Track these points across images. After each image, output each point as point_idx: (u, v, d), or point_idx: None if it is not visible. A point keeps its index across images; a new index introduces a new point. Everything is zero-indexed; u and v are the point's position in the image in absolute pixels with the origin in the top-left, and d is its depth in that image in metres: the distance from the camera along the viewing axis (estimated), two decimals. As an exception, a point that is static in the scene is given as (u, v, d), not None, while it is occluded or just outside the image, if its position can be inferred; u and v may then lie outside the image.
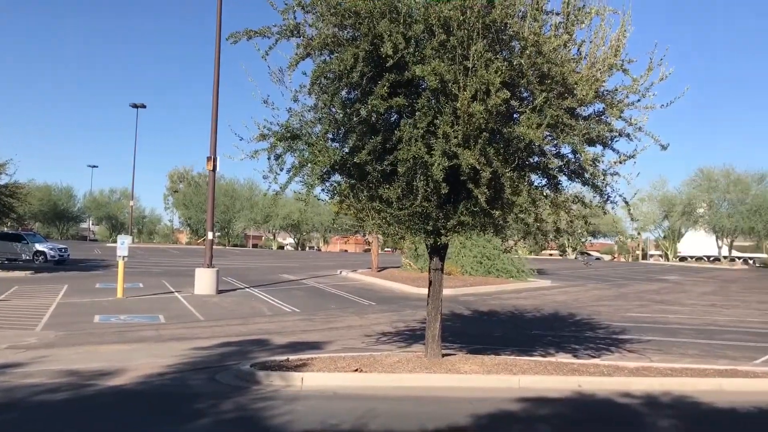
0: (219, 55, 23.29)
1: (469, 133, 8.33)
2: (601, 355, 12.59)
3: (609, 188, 9.82)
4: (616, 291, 29.20)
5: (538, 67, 8.57)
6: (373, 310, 19.28)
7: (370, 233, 10.49)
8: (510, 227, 10.86)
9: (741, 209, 64.48)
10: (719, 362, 11.87)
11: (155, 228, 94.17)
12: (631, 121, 9.32)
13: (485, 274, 30.77)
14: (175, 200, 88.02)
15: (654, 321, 18.50)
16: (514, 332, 15.80)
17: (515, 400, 8.42)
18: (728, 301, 25.82)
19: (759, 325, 18.22)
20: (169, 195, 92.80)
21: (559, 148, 9.67)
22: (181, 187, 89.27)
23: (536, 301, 23.24)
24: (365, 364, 9.96)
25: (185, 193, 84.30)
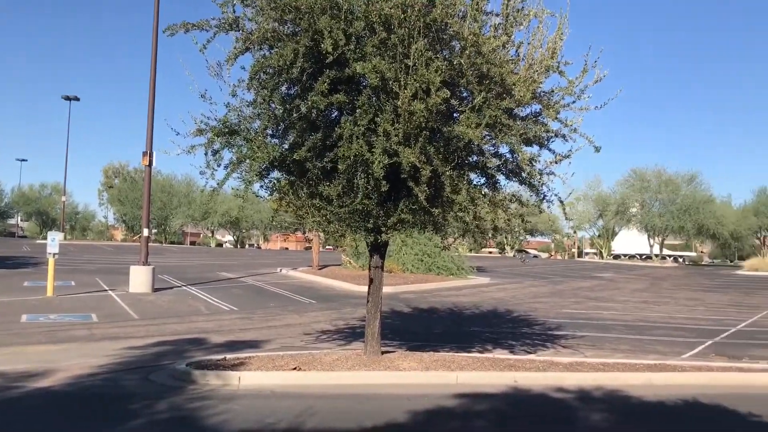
0: (156, 47, 22.74)
1: (410, 132, 8.38)
2: (536, 350, 12.87)
3: (545, 187, 10.07)
4: (553, 288, 29.90)
5: (477, 68, 8.69)
6: (313, 309, 19.20)
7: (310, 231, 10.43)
8: (449, 225, 11.00)
9: (671, 209, 66.98)
10: (649, 357, 12.30)
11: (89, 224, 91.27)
12: (566, 122, 9.56)
13: (426, 271, 31.03)
14: (110, 196, 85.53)
15: (588, 317, 19.02)
16: (454, 329, 16.00)
17: (453, 396, 8.53)
18: (659, 297, 26.76)
19: (687, 321, 18.96)
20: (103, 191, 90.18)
21: (498, 148, 9.83)
22: (117, 183, 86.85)
23: (475, 298, 23.58)
24: (304, 362, 9.91)
25: (121, 189, 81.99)
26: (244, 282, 26.76)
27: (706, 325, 17.79)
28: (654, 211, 68.81)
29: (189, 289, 22.89)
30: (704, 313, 21.20)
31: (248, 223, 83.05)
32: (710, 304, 24.40)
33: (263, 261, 42.94)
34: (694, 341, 14.69)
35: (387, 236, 9.50)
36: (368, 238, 9.58)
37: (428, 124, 8.46)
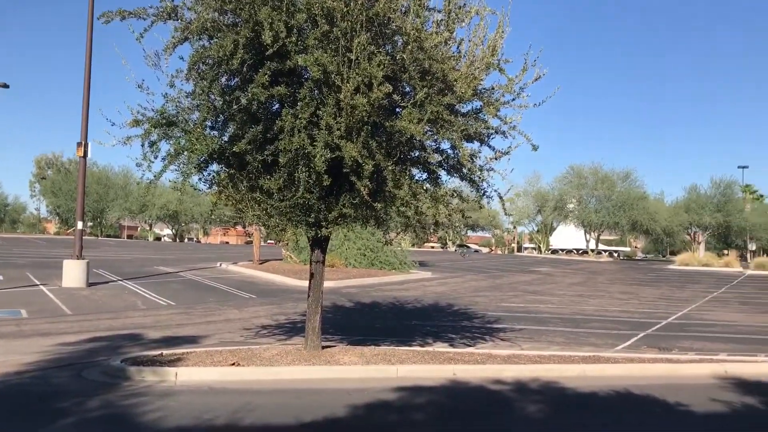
0: (91, 35, 22.01)
1: (352, 126, 8.37)
2: (476, 343, 13.06)
3: (485, 183, 10.21)
4: (493, 282, 30.39)
5: (419, 63, 8.74)
6: (253, 303, 19.00)
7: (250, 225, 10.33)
8: (392, 220, 11.04)
9: (607, 205, 68.97)
10: (584, 349, 12.64)
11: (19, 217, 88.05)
12: (506, 119, 9.71)
13: (369, 266, 31.12)
14: (42, 188, 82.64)
15: (526, 311, 19.41)
16: (395, 323, 16.08)
17: (393, 390, 8.57)
18: (594, 291, 27.52)
19: (620, 313, 19.56)
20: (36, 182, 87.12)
21: (439, 144, 9.93)
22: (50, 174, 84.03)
23: (417, 293, 23.77)
24: (243, 357, 9.80)
25: (54, 181, 79.34)
26: (183, 276, 26.26)
27: (639, 318, 18.38)
28: (590, 207, 70.67)
29: (125, 284, 22.31)
30: (637, 306, 21.90)
31: (187, 216, 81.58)
32: (643, 297, 25.23)
33: (203, 255, 42.24)
34: (627, 333, 15.17)
35: (328, 231, 9.47)
36: (309, 232, 9.52)
37: (370, 118, 8.46)
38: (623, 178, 71.28)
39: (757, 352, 12.96)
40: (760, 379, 10.24)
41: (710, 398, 8.70)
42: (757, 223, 70.17)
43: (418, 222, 10.27)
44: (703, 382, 9.92)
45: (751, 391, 9.29)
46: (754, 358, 12.03)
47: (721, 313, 20.49)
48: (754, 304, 23.66)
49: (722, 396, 8.86)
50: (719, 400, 8.61)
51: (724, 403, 8.43)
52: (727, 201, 68.92)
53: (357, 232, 29.98)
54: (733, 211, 68.17)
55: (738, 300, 24.96)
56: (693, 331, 16.07)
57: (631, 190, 69.78)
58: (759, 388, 9.51)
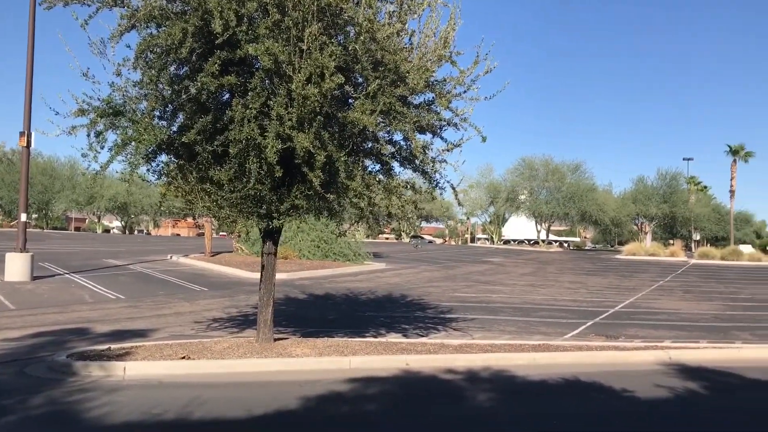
0: (34, 21, 21.27)
1: (304, 116, 8.31)
2: (429, 334, 13.17)
3: (438, 175, 10.28)
4: (446, 273, 30.65)
5: (372, 54, 8.71)
6: (204, 296, 18.75)
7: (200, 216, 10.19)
8: (345, 211, 11.03)
9: (557, 196, 70.07)
10: (534, 338, 12.87)
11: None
12: (457, 111, 9.78)
13: (323, 257, 31.02)
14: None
15: (479, 300, 19.65)
16: (349, 314, 16.09)
17: (345, 381, 8.58)
18: (545, 281, 28.02)
19: (570, 303, 19.97)
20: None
21: (392, 135, 9.94)
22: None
23: (371, 284, 23.82)
24: (193, 351, 9.67)
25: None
26: (132, 269, 25.74)
27: (588, 307, 18.81)
28: (541, 198, 71.70)
29: (72, 277, 21.76)
30: (586, 295, 22.39)
31: (137, 208, 79.91)
32: (591, 286, 25.80)
33: (153, 248, 41.47)
34: (576, 322, 15.50)
35: (280, 222, 9.40)
36: (261, 224, 9.44)
37: (323, 109, 8.41)
38: (573, 169, 72.52)
39: (700, 338, 13.40)
40: (702, 365, 10.58)
41: (654, 384, 8.96)
42: (701, 213, 72.45)
43: (372, 213, 10.27)
44: (648, 369, 10.21)
45: (693, 376, 9.60)
46: (696, 344, 12.43)
47: (666, 301, 21.10)
48: (698, 292, 24.44)
49: (666, 382, 9.13)
50: (663, 385, 8.87)
51: (668, 389, 8.69)
52: (673, 192, 70.83)
53: (311, 224, 29.85)
54: (678, 202, 70.10)
55: (682, 288, 25.73)
56: (639, 319, 16.51)
57: (581, 181, 71.02)
58: (700, 374, 9.83)
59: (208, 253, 31.82)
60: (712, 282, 29.01)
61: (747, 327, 15.47)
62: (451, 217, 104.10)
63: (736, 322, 16.44)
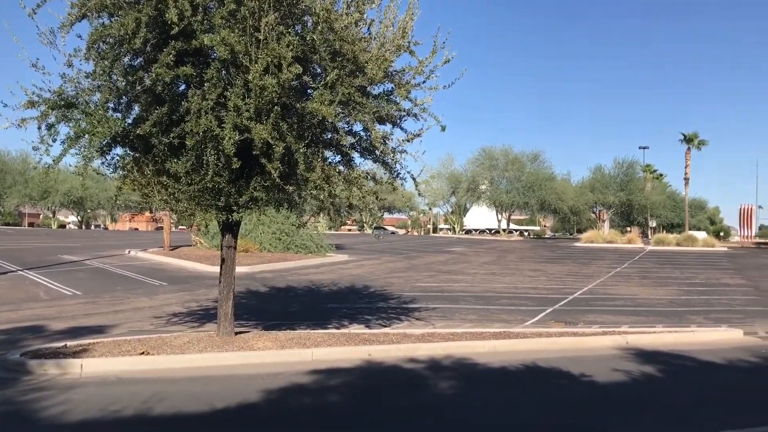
0: (-19, 9, 20.63)
1: (262, 107, 8.23)
2: (391, 324, 13.22)
3: (398, 165, 10.30)
4: (408, 263, 30.76)
5: (330, 44, 8.67)
6: (164, 291, 18.50)
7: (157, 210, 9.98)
8: (306, 203, 10.98)
9: (517, 186, 70.74)
10: (495, 325, 13.03)
11: None
12: (417, 101, 9.79)
13: (284, 250, 30.84)
14: (-70, 174, 77.12)
15: (440, 290, 19.78)
16: (311, 307, 16.05)
17: (307, 373, 8.57)
18: (505, 269, 28.32)
19: (530, 290, 20.24)
20: None
21: (352, 126, 9.91)
22: (-62, 159, 78.40)
23: (333, 275, 23.78)
24: (153, 346, 9.54)
25: (-57, 166, 74.16)
26: (89, 265, 25.23)
27: (547, 294, 19.09)
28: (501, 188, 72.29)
29: (26, 274, 21.23)
30: (545, 282, 22.72)
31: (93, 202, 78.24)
32: (551, 274, 26.18)
33: (110, 242, 40.71)
34: (535, 309, 15.72)
35: (239, 215, 9.31)
36: (219, 216, 9.34)
37: (281, 99, 8.35)
38: (532, 159, 73.25)
39: (656, 323, 13.74)
40: (658, 349, 10.85)
41: (612, 368, 9.15)
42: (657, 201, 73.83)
43: (332, 205, 10.24)
44: (606, 354, 10.42)
45: (649, 360, 9.84)
46: (652, 329, 12.74)
47: (624, 287, 21.54)
48: (654, 278, 24.99)
49: (623, 366, 9.34)
50: (620, 369, 9.08)
51: (625, 373, 8.90)
52: (629, 180, 72.09)
53: (271, 216, 29.63)
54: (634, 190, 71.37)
55: (639, 274, 26.28)
56: (597, 305, 16.83)
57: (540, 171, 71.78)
58: (656, 357, 10.08)
59: (167, 247, 31.37)
60: (667, 268, 29.69)
61: (701, 311, 15.89)
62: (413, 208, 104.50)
63: (690, 306, 16.87)
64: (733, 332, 12.47)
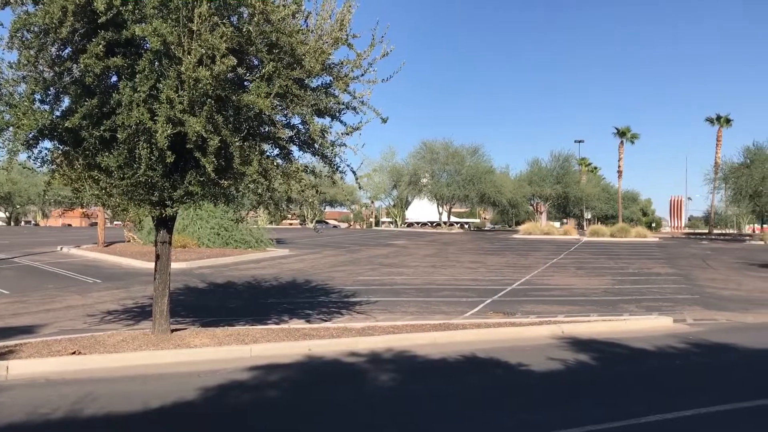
0: None
1: (195, 99, 8.07)
2: (332, 318, 13.20)
3: (338, 159, 10.26)
4: (350, 257, 30.74)
5: (266, 36, 8.56)
6: (98, 288, 17.96)
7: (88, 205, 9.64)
8: (245, 197, 10.83)
9: (458, 179, 71.43)
10: (435, 318, 13.15)
11: None
12: (356, 94, 9.77)
13: (223, 245, 30.39)
14: None
15: (382, 283, 19.85)
16: (251, 302, 15.87)
17: (246, 370, 8.48)
18: (446, 261, 28.60)
19: (470, 282, 20.51)
20: None
21: (290, 119, 9.82)
22: None
23: (274, 270, 23.56)
24: (85, 345, 9.27)
25: None
26: (18, 263, 24.30)
27: (487, 285, 19.38)
28: (442, 181, 72.90)
29: (-51, 274, 20.30)
30: (485, 274, 23.06)
31: (23, 198, 75.42)
32: (490, 266, 26.58)
33: (41, 239, 39.29)
34: (475, 300, 15.95)
35: (174, 210, 9.10)
36: (153, 212, 9.11)
37: (215, 92, 8.20)
38: (472, 153, 74.10)
39: (591, 312, 14.12)
40: (592, 337, 11.17)
41: (548, 357, 9.38)
42: (592, 193, 75.91)
43: (271, 199, 10.15)
44: (542, 343, 10.67)
45: (584, 348, 10.12)
46: (587, 318, 13.09)
47: (560, 277, 22.06)
48: (589, 268, 25.66)
49: (559, 355, 9.58)
50: (556, 358, 9.31)
51: (560, 361, 9.13)
52: (566, 173, 73.90)
53: (209, 211, 29.16)
54: (570, 182, 73.22)
55: (574, 265, 26.95)
56: (535, 295, 17.19)
57: (479, 164, 72.69)
58: (591, 346, 10.38)
59: (101, 244, 30.50)
60: (602, 258, 30.54)
61: (634, 300, 16.42)
62: (355, 202, 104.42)
63: (624, 295, 17.41)
64: (663, 320, 12.94)
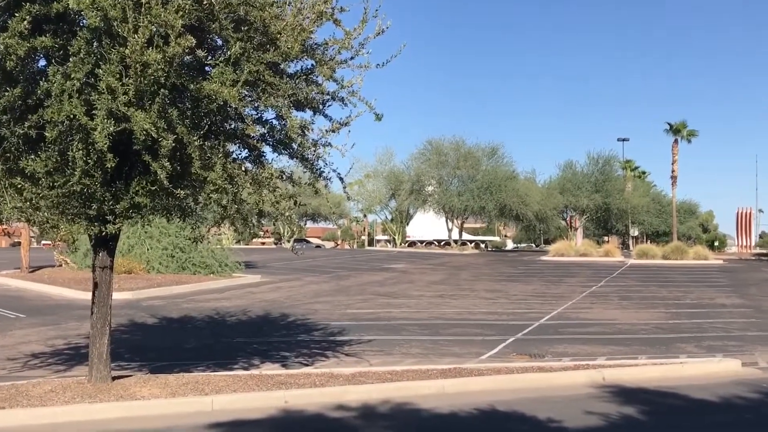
0: None
1: (144, 89, 8.07)
2: (315, 362, 13.17)
3: (321, 162, 10.28)
4: (337, 284, 30.76)
5: (233, 10, 8.58)
6: (21, 325, 17.92)
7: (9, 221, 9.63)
8: (206, 210, 10.83)
9: (471, 187, 71.47)
10: (444, 360, 13.13)
11: None
12: (344, 83, 9.80)
13: (179, 270, 30.47)
14: None
15: (377, 317, 19.84)
16: (213, 342, 15.85)
17: (206, 427, 8.45)
18: (457, 290, 28.63)
19: (487, 315, 20.51)
20: None
21: (262, 113, 9.86)
22: None
23: (243, 301, 23.56)
24: (4, 397, 9.22)
25: None
26: None
27: (508, 320, 19.38)
28: (452, 189, 73.01)
29: None
30: (506, 306, 23.07)
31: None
32: (513, 295, 26.61)
33: (-49, 263, 39.23)
34: (494, 339, 15.93)
35: (116, 226, 9.06)
36: (91, 229, 9.08)
37: (169, 79, 8.20)
38: (489, 154, 74.20)
39: (639, 353, 14.12)
40: (641, 385, 11.14)
41: (585, 411, 9.34)
42: (639, 204, 75.93)
43: (238, 212, 10.14)
44: (578, 392, 10.64)
45: (630, 399, 10.10)
46: (635, 361, 13.08)
47: (600, 310, 22.08)
48: (636, 298, 25.69)
49: (599, 407, 9.55)
50: (596, 412, 9.27)
51: (601, 416, 9.09)
52: (607, 180, 73.99)
53: (162, 228, 29.27)
54: (612, 191, 73.26)
55: (619, 294, 26.99)
56: (568, 332, 17.18)
57: (499, 168, 72.78)
58: (639, 396, 10.35)
59: (25, 269, 30.55)
60: (653, 285, 30.60)
61: (692, 337, 16.42)
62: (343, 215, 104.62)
63: (680, 332, 17.41)
64: (729, 363, 12.92)
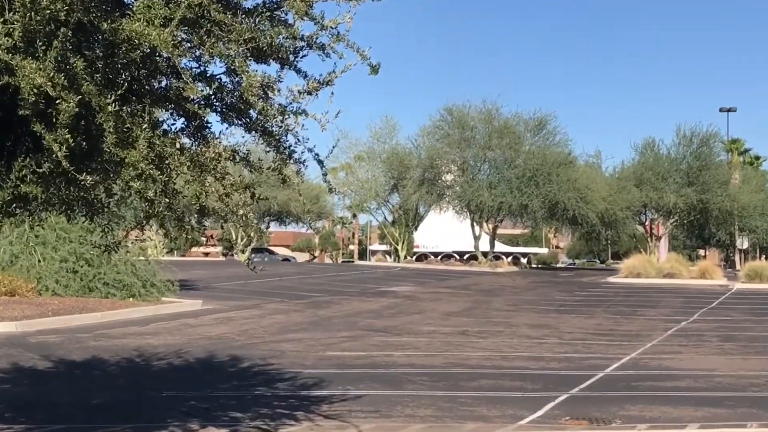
0: None
1: (36, 30, 8.06)
2: (279, 427, 13.09)
3: (291, 137, 10.20)
4: (314, 314, 30.73)
5: None
6: None
7: None
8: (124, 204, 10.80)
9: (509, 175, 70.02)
10: (466, 428, 13.08)
11: None
12: (325, 22, 9.74)
13: (84, 291, 30.34)
14: None
15: (371, 363, 19.76)
16: (133, 396, 15.79)
17: None
18: (487, 325, 28.59)
19: (529, 362, 20.42)
20: None
21: (206, 65, 9.79)
22: None
23: (176, 338, 23.53)
24: None
25: None
26: None
27: (559, 369, 19.31)
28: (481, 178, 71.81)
29: None
30: (557, 348, 22.99)
31: None
32: (566, 333, 26.55)
33: None
34: (538, 396, 15.87)
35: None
36: (-45, 230, 9.08)
37: (72, 15, 8.18)
38: (535, 129, 72.87)
39: (748, 419, 14.01)
40: (750, 465, 11.10)
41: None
42: (751, 203, 73.45)
43: (170, 209, 10.09)
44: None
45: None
46: (742, 430, 12.99)
47: (692, 355, 22.01)
48: (744, 339, 25.62)
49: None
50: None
51: None
52: (704, 167, 72.09)
53: (60, 230, 29.19)
54: (712, 183, 71.20)
55: (718, 333, 26.92)
56: (645, 388, 17.11)
57: (548, 149, 71.22)
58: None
59: None
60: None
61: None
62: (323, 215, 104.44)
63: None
64: None
